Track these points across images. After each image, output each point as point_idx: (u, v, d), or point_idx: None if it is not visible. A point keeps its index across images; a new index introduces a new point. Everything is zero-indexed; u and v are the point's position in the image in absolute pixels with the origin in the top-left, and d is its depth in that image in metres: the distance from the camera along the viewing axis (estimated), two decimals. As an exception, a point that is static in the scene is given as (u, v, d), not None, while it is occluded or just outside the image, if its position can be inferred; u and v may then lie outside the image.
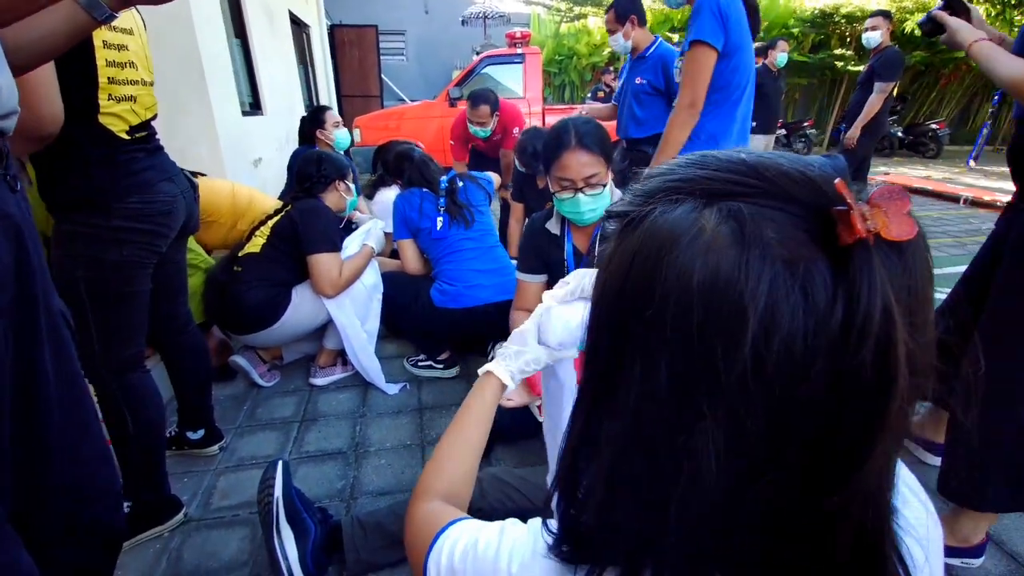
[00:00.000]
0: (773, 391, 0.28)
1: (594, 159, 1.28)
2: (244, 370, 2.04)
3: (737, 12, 1.61)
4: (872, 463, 0.28)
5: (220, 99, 2.92)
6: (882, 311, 0.27)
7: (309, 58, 7.98)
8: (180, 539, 1.38)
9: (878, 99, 3.91)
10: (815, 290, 0.27)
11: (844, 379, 0.27)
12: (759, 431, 0.29)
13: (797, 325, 0.27)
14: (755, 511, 0.30)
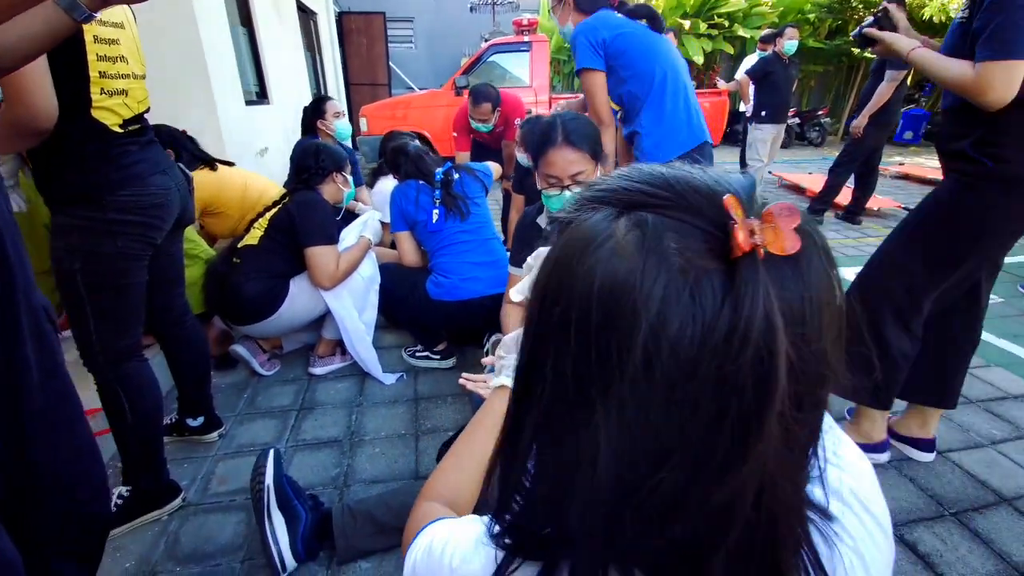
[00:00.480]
0: (663, 390, 0.30)
1: (581, 156, 1.27)
2: (244, 359, 2.08)
3: (609, 29, 1.79)
4: (751, 464, 0.30)
5: (223, 89, 2.94)
6: (763, 319, 0.28)
7: (317, 46, 7.96)
8: (179, 523, 1.43)
9: (888, 88, 3.83)
10: (704, 297, 0.29)
11: (727, 382, 0.29)
12: (652, 428, 0.31)
13: (685, 329, 0.29)
14: (653, 504, 0.31)
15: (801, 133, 10.34)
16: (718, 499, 0.30)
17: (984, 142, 1.25)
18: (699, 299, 0.29)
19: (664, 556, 0.35)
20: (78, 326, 1.25)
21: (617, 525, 0.33)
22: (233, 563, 1.30)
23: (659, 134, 1.83)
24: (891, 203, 5.01)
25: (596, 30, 1.79)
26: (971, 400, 1.98)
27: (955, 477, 1.59)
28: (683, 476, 0.31)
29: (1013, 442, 1.75)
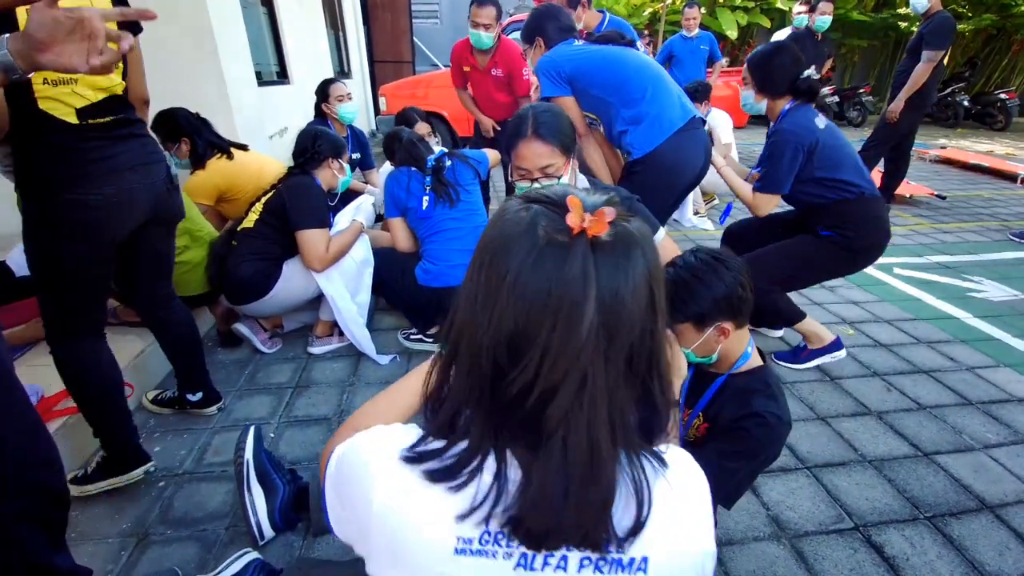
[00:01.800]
0: (523, 306, 0.47)
1: (550, 150, 1.27)
2: (246, 337, 2.18)
3: (564, 59, 1.92)
4: (569, 358, 0.46)
5: (234, 72, 3.00)
6: (580, 270, 0.46)
7: (340, 23, 7.95)
8: (173, 489, 1.53)
9: (925, 68, 3.61)
10: (552, 252, 0.47)
11: (555, 303, 0.46)
12: (513, 333, 0.48)
13: (537, 270, 0.47)
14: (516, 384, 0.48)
15: (840, 112, 9.85)
16: (553, 380, 0.47)
17: (831, 226, 1.90)
18: (548, 253, 0.47)
19: (518, 429, 0.50)
20: (41, 306, 1.30)
21: (493, 405, 0.50)
22: (218, 529, 1.40)
23: (641, 129, 1.88)
24: (924, 190, 4.77)
25: (555, 64, 1.93)
26: (970, 401, 1.92)
27: (937, 480, 1.56)
28: (532, 367, 0.47)
29: (1007, 447, 1.69)
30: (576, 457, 0.47)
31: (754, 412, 1.06)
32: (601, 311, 0.46)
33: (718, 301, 1.04)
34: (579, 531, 0.49)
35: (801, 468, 1.60)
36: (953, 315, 2.59)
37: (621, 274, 0.47)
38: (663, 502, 0.51)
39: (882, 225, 1.92)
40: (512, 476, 0.50)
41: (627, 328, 0.48)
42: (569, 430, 0.47)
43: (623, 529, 0.49)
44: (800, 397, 1.94)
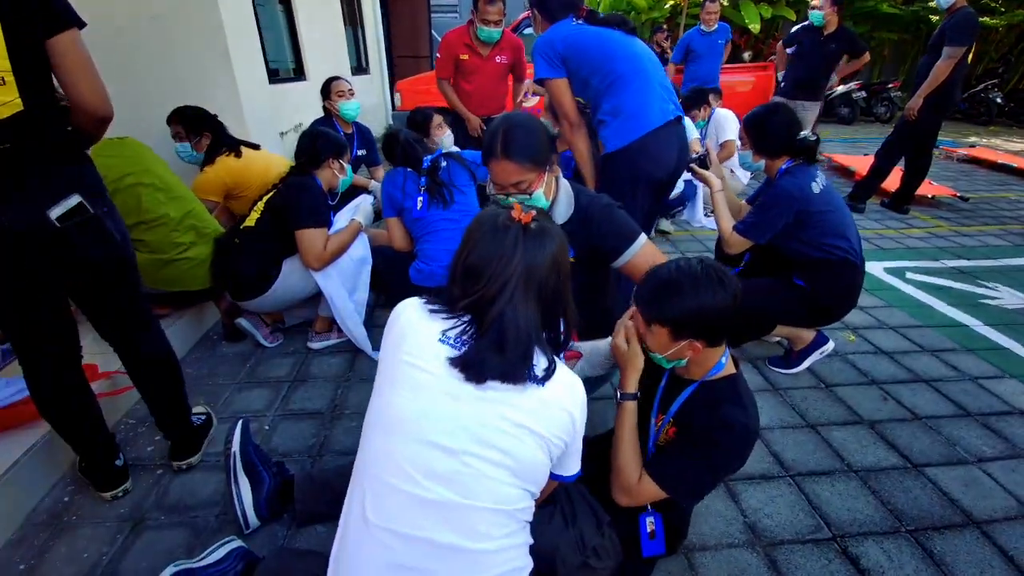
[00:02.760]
0: (478, 268, 0.87)
1: (519, 168, 1.27)
2: (249, 332, 2.25)
3: (561, 38, 1.90)
4: (500, 283, 0.86)
5: (245, 72, 3.07)
6: (512, 243, 0.86)
7: (359, 19, 8.03)
8: (170, 477, 1.61)
9: (946, 65, 3.49)
10: (506, 234, 0.87)
11: (498, 264, 0.86)
12: (471, 274, 0.88)
13: (494, 246, 0.87)
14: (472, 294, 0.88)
15: (868, 108, 9.56)
16: (491, 293, 0.85)
17: (805, 277, 1.94)
18: (502, 235, 0.87)
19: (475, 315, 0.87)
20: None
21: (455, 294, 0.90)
22: (209, 517, 1.47)
23: (618, 123, 1.87)
24: (947, 191, 4.61)
25: (551, 43, 1.90)
26: (968, 412, 1.88)
27: (924, 493, 1.53)
28: (483, 285, 0.86)
29: (1003, 461, 1.65)
30: (506, 336, 0.83)
31: (723, 422, 1.07)
32: (523, 262, 0.86)
33: (699, 314, 1.04)
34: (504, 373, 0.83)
35: (784, 476, 1.59)
36: (963, 323, 2.52)
37: (537, 245, 0.87)
38: (560, 372, 0.89)
39: (852, 293, 1.95)
40: (473, 330, 0.86)
41: (537, 276, 0.87)
42: (503, 321, 0.84)
43: (540, 371, 0.86)
44: (792, 404, 1.92)
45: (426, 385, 0.85)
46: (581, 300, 1.51)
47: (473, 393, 0.84)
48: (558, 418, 0.87)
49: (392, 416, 0.87)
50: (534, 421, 0.85)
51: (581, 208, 1.42)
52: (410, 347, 0.88)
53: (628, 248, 1.38)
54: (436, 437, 0.83)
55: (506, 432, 0.83)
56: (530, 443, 0.84)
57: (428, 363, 0.85)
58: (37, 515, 1.49)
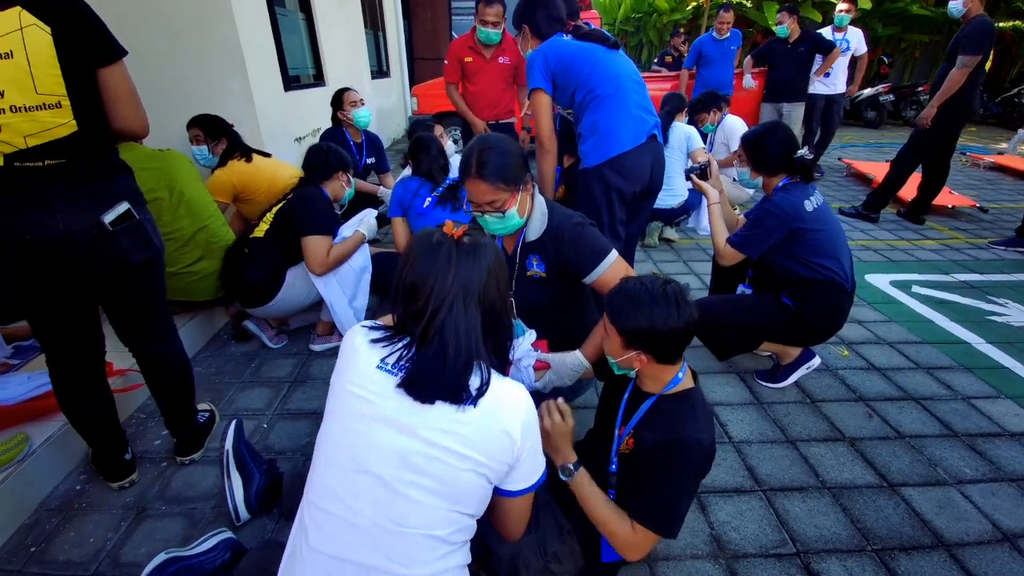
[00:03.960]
0: (414, 281, 0.89)
1: (492, 188, 1.33)
2: (255, 334, 2.37)
3: (554, 52, 1.94)
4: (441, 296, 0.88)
5: (260, 82, 3.21)
6: (446, 258, 0.89)
7: (380, 22, 8.17)
8: (173, 470, 1.72)
9: (960, 74, 3.43)
10: (440, 249, 0.90)
11: (435, 280, 0.89)
12: (407, 288, 0.91)
13: (428, 262, 0.90)
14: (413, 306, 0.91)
15: (896, 111, 9.30)
16: (433, 308, 0.87)
17: (793, 296, 1.94)
18: (436, 251, 0.90)
19: (416, 331, 0.89)
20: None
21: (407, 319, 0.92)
22: (205, 508, 1.57)
23: (594, 140, 1.93)
24: (967, 201, 4.49)
25: (545, 57, 1.95)
26: (955, 433, 1.86)
27: (896, 513, 1.54)
28: (422, 301, 0.88)
29: (982, 484, 1.65)
30: (447, 349, 0.86)
31: (674, 439, 1.11)
32: (459, 276, 0.88)
33: (650, 330, 1.09)
34: (447, 387, 0.86)
35: (756, 490, 1.61)
36: (964, 340, 2.48)
37: (471, 258, 0.90)
38: (496, 386, 0.90)
39: (837, 315, 1.95)
40: (413, 350, 0.89)
41: (475, 288, 0.89)
42: (443, 333, 0.87)
43: (474, 390, 0.87)
44: (774, 418, 1.94)
45: (366, 414, 0.87)
46: (555, 312, 1.59)
47: (414, 419, 0.85)
48: (496, 440, 0.88)
49: (332, 444, 0.90)
50: (469, 446, 0.86)
51: (553, 226, 1.47)
52: (352, 375, 0.91)
53: (597, 266, 1.43)
54: (371, 466, 0.85)
55: (440, 460, 0.85)
56: (465, 469, 0.86)
57: (369, 391, 0.88)
58: (51, 501, 1.62)
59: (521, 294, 1.57)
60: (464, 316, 0.88)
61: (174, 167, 2.10)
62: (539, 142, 2.01)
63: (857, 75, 5.18)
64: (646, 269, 3.33)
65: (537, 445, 0.95)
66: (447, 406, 0.85)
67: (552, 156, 2.03)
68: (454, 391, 0.85)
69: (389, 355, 0.89)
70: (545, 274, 1.51)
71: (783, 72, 4.85)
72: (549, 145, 2.00)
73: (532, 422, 0.93)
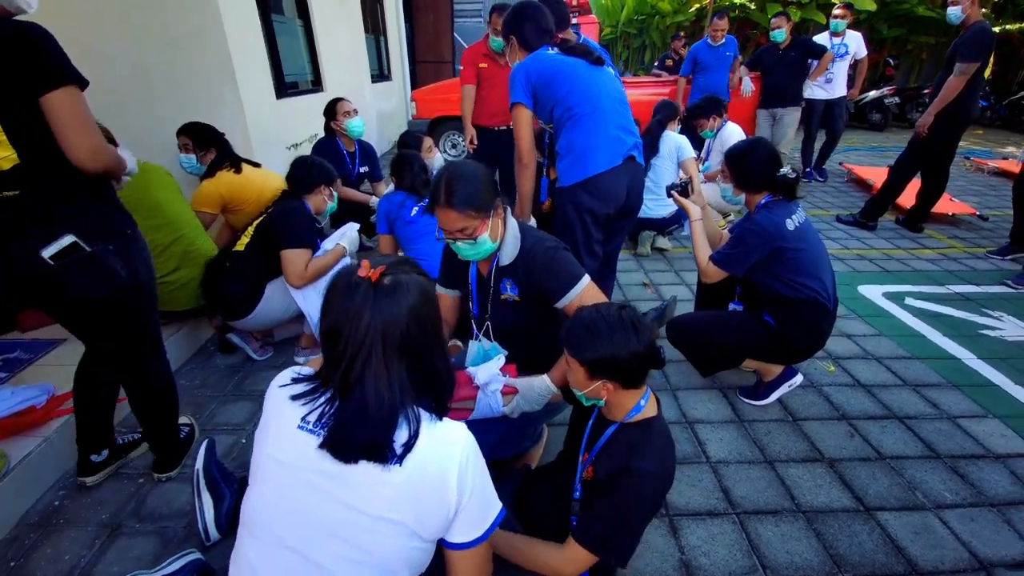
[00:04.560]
0: (333, 324, 0.83)
1: (461, 216, 1.33)
2: (239, 346, 2.38)
3: (537, 67, 1.92)
4: (359, 340, 0.80)
5: (251, 90, 3.22)
6: (361, 302, 0.81)
7: (381, 26, 8.19)
8: (149, 487, 1.73)
9: (957, 82, 3.38)
10: (355, 290, 0.82)
11: (351, 321, 0.81)
12: (329, 334, 0.84)
13: (345, 301, 0.82)
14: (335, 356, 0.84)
15: (902, 113, 9.20)
16: (351, 356, 0.81)
17: (775, 315, 1.92)
18: (351, 294, 0.82)
19: (338, 381, 0.83)
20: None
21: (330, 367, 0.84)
22: (178, 527, 1.58)
23: (569, 159, 1.92)
24: (967, 209, 4.42)
25: (527, 72, 1.93)
26: (938, 454, 1.84)
27: (870, 539, 1.52)
28: (340, 348, 0.81)
29: (962, 509, 1.62)
30: (368, 402, 0.80)
31: (627, 468, 1.11)
32: (376, 320, 0.80)
33: (611, 358, 1.09)
34: (369, 444, 0.80)
35: (730, 513, 1.60)
36: (954, 355, 2.45)
37: (389, 302, 0.82)
38: (427, 435, 0.83)
39: (818, 334, 1.94)
40: (335, 404, 0.83)
41: (395, 332, 0.81)
42: (363, 385, 0.80)
43: (399, 446, 0.81)
44: (754, 437, 1.92)
45: (285, 482, 0.83)
46: (529, 335, 1.58)
47: (336, 483, 0.80)
48: (427, 498, 0.82)
49: (251, 517, 0.87)
50: (396, 509, 0.80)
51: (525, 251, 1.47)
52: (273, 438, 0.86)
53: (569, 291, 1.43)
54: (293, 540, 0.82)
55: (366, 528, 0.80)
56: (394, 535, 0.81)
57: (289, 455, 0.83)
58: (31, 516, 1.63)
59: (495, 317, 1.57)
60: (384, 364, 0.80)
61: (148, 179, 2.11)
62: (518, 157, 1.99)
63: (858, 78, 5.19)
64: (638, 279, 3.32)
65: (484, 487, 0.89)
66: (371, 466, 0.79)
67: (531, 171, 2.02)
68: (377, 449, 0.79)
69: (310, 412, 0.84)
70: (519, 298, 1.51)
71: (775, 78, 4.90)
72: (528, 160, 1.99)
73: (473, 465, 0.86)
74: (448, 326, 1.73)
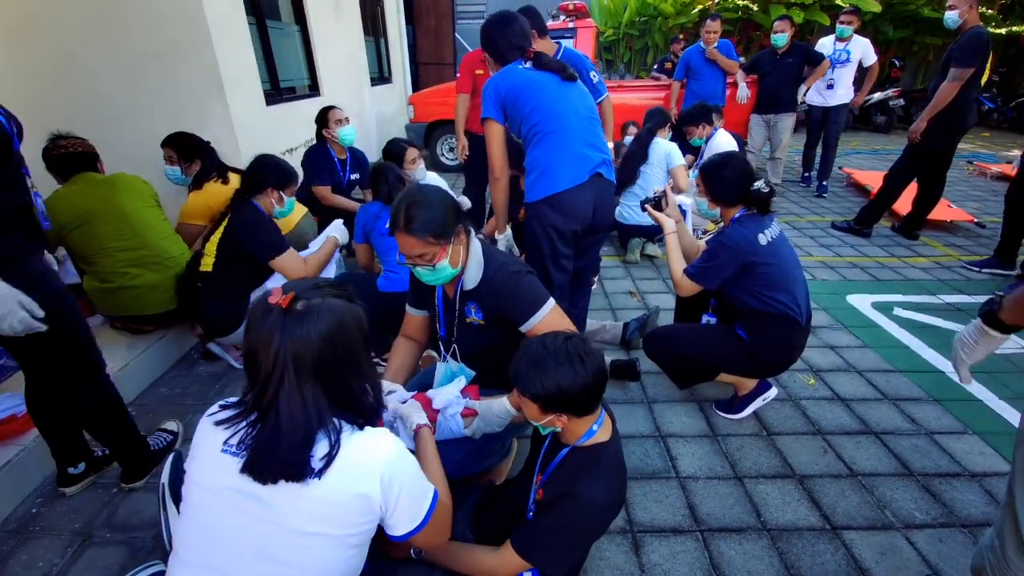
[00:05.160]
0: (252, 372, 0.86)
1: (420, 242, 1.33)
2: (219, 355, 2.41)
3: (506, 82, 1.92)
4: (281, 370, 0.83)
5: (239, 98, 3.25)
6: (271, 328, 0.83)
7: (382, 29, 8.22)
8: (123, 497, 1.76)
9: (950, 87, 3.34)
10: (268, 315, 0.85)
11: (267, 346, 0.84)
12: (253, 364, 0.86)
13: (260, 325, 0.85)
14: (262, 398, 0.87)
15: (907, 116, 9.09)
16: (263, 380, 0.84)
17: (747, 328, 1.92)
18: (264, 321, 0.84)
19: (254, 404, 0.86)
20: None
21: (251, 389, 0.88)
22: (147, 538, 1.61)
23: (534, 176, 1.91)
24: (965, 216, 4.37)
25: (496, 87, 1.92)
26: (911, 472, 1.82)
27: (833, 559, 1.51)
28: (257, 372, 0.85)
29: (932, 530, 1.60)
30: (281, 424, 0.83)
31: (572, 491, 1.11)
32: (287, 346, 0.83)
33: (559, 392, 1.09)
34: (285, 465, 0.82)
35: (694, 530, 1.60)
36: (939, 368, 2.42)
37: (300, 327, 0.83)
38: (348, 447, 0.86)
39: (789, 349, 1.93)
40: (256, 427, 0.85)
41: (309, 357, 0.83)
42: (277, 408, 0.83)
43: (318, 461, 0.83)
44: (726, 452, 1.91)
45: (211, 506, 0.86)
46: (496, 357, 1.58)
47: (259, 504, 0.83)
48: (350, 506, 0.85)
49: (180, 539, 0.90)
50: (320, 521, 0.83)
51: (487, 277, 1.47)
52: (197, 466, 0.89)
53: (532, 317, 1.42)
54: (219, 562, 0.84)
55: (293, 544, 0.83)
56: (319, 547, 0.84)
57: (213, 479, 0.86)
58: (9, 523, 1.67)
59: (461, 339, 1.58)
60: (297, 387, 0.83)
61: (116, 189, 2.16)
62: (491, 171, 2.00)
63: (865, 85, 5.10)
64: (625, 286, 3.31)
65: (413, 485, 0.93)
66: (290, 484, 0.82)
67: (503, 185, 2.02)
68: (293, 468, 0.82)
69: (232, 436, 0.86)
70: (483, 321, 1.51)
71: (770, 82, 4.89)
72: (500, 174, 1.99)
73: (398, 467, 0.89)
74: (418, 344, 1.75)
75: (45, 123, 2.16)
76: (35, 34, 2.94)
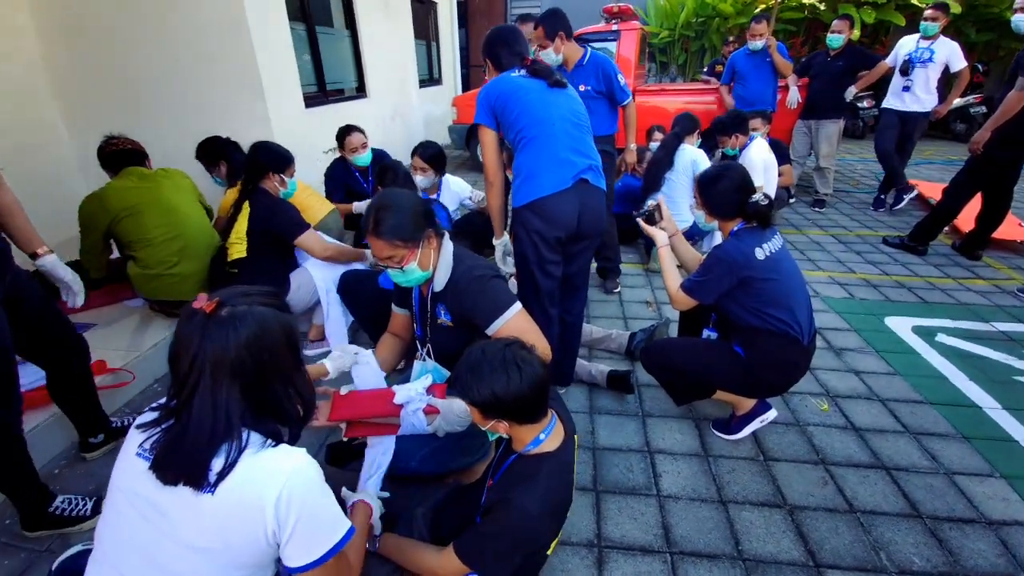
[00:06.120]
0: (174, 373, 0.88)
1: (388, 245, 1.38)
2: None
3: (498, 89, 1.91)
4: (184, 393, 0.86)
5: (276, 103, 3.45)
6: (192, 333, 0.85)
7: (434, 33, 8.44)
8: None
9: (1017, 97, 3.05)
10: (188, 328, 0.86)
11: (182, 355, 0.86)
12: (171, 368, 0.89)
13: (182, 330, 0.87)
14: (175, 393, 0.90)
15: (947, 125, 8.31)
16: (180, 384, 0.86)
17: (744, 344, 1.84)
18: (188, 324, 0.86)
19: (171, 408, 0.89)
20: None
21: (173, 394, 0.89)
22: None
23: (519, 181, 1.90)
24: (1039, 236, 3.94)
25: (488, 94, 1.93)
26: (919, 514, 1.67)
27: (811, 597, 1.41)
28: (176, 376, 0.88)
29: (929, 577, 1.47)
30: (190, 424, 0.84)
31: (506, 498, 1.12)
32: (207, 350, 0.84)
33: (494, 399, 1.10)
34: (186, 466, 0.83)
35: (664, 552, 1.54)
36: (975, 403, 2.21)
37: (220, 334, 0.85)
38: (248, 464, 0.85)
39: (788, 368, 1.83)
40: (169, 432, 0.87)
41: (227, 363, 0.85)
42: (189, 411, 0.85)
43: (214, 475, 0.83)
44: (715, 474, 1.83)
45: (121, 508, 0.88)
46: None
47: (157, 511, 0.84)
48: (239, 526, 0.84)
49: (96, 540, 0.93)
50: (206, 536, 0.84)
51: (453, 280, 1.51)
52: (116, 471, 0.91)
53: (495, 320, 1.44)
54: (122, 566, 0.87)
55: (178, 556, 0.84)
56: (204, 563, 0.85)
57: (127, 482, 0.88)
58: (36, 482, 1.85)
59: (434, 339, 1.63)
60: (211, 391, 0.84)
61: (162, 184, 2.37)
62: (485, 176, 2.03)
63: (952, 94, 4.52)
64: (643, 295, 3.23)
65: (316, 513, 0.89)
66: (187, 492, 0.83)
67: (498, 189, 2.04)
68: (193, 472, 0.82)
69: (147, 439, 0.88)
70: (451, 323, 1.55)
71: (815, 86, 4.63)
72: (493, 179, 2.01)
73: (300, 493, 0.86)
74: (402, 341, 1.80)
75: (96, 121, 2.40)
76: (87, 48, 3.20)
